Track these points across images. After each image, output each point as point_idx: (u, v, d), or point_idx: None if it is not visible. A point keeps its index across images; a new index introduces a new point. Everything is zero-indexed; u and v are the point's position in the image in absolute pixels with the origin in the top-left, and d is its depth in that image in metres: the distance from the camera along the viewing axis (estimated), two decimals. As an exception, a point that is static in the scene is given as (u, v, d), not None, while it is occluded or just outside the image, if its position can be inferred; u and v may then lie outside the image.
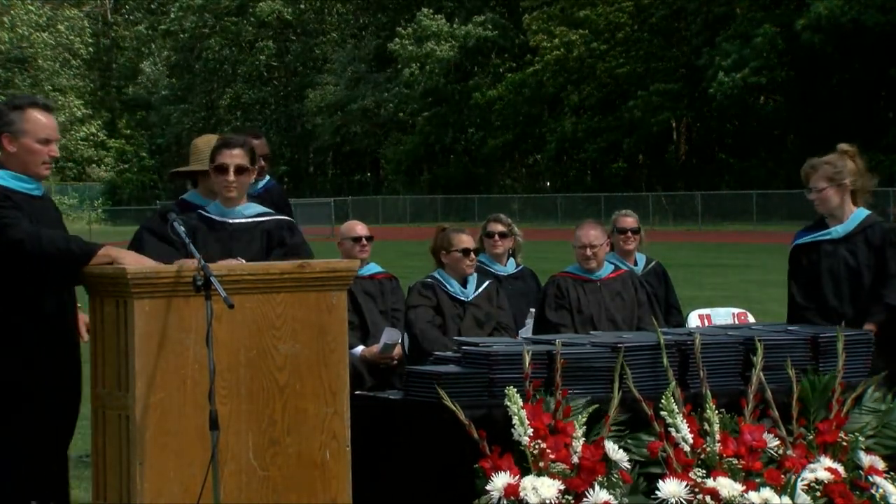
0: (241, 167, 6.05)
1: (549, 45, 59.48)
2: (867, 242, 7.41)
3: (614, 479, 6.38)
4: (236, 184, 6.06)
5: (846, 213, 7.52)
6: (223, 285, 5.13)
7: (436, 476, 6.42)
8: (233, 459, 5.41)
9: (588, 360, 6.68)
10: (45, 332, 5.54)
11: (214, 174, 6.08)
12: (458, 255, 7.70)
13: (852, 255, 7.39)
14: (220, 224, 6.10)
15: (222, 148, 6.11)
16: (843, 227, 7.49)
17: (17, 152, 5.66)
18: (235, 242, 6.03)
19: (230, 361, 5.43)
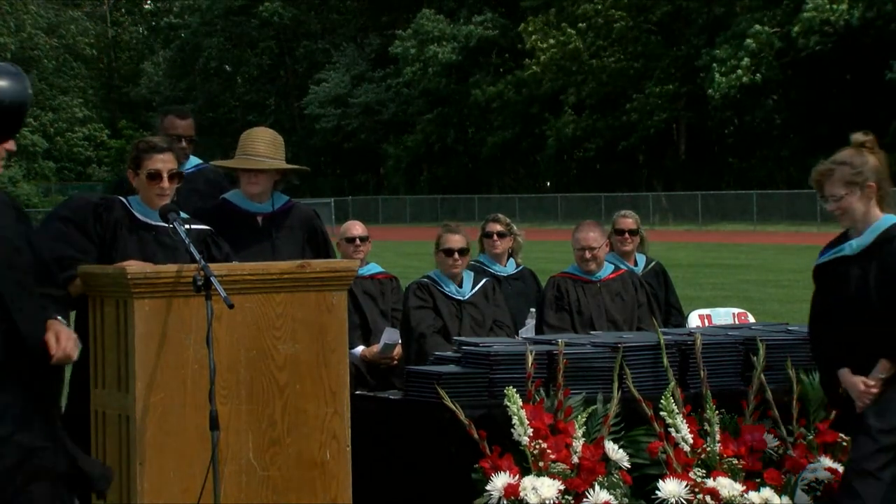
0: (174, 173, 5.91)
1: (545, 45, 59.48)
2: (882, 260, 5.82)
3: (614, 479, 6.39)
4: (169, 190, 5.89)
5: (869, 222, 5.89)
6: (223, 285, 5.13)
7: (436, 476, 6.43)
8: (233, 459, 5.42)
9: (588, 360, 6.69)
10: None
11: (147, 180, 5.87)
12: (442, 254, 7.73)
13: (863, 275, 5.85)
14: (144, 224, 5.91)
15: (152, 153, 5.90)
16: (859, 241, 5.91)
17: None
18: (161, 247, 5.89)
19: (230, 361, 5.43)
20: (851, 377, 5.87)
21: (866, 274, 5.82)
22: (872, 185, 5.84)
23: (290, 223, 6.61)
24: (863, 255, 5.87)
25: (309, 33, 76.06)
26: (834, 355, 5.96)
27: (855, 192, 5.84)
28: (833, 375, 6.00)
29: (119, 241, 5.80)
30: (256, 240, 6.48)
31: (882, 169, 5.89)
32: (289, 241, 6.57)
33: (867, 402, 5.81)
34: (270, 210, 6.55)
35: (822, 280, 6.05)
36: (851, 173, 5.84)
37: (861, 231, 5.90)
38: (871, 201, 5.88)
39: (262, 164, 6.53)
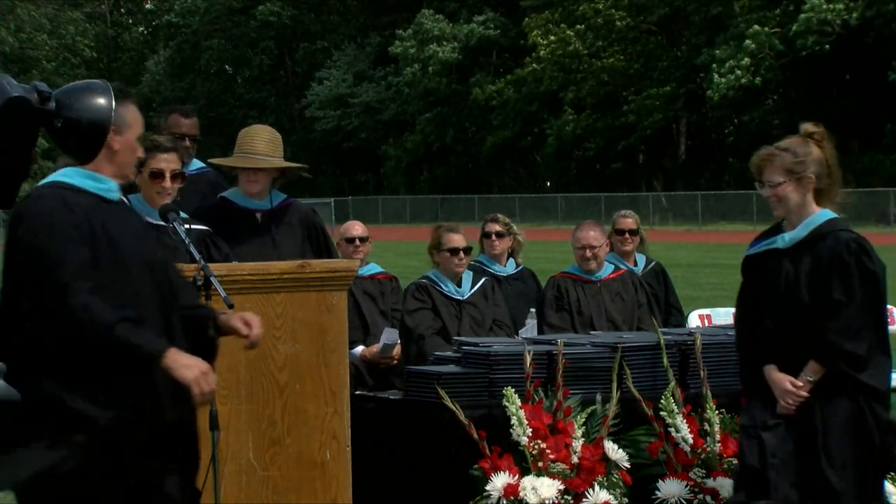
0: (177, 172, 5.94)
1: (546, 41, 59.53)
2: (815, 256, 5.60)
3: (614, 479, 6.39)
4: (171, 190, 5.91)
5: (803, 215, 5.66)
6: (223, 285, 5.13)
7: (436, 476, 6.43)
8: (233, 459, 5.42)
9: (588, 360, 6.69)
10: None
11: (149, 179, 5.90)
12: (446, 254, 7.69)
13: (794, 270, 5.62)
14: None
15: (156, 151, 5.92)
16: (793, 234, 5.67)
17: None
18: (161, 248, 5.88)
19: (230, 361, 5.42)
20: (778, 375, 5.60)
21: (797, 269, 5.62)
22: (811, 178, 5.63)
23: (289, 220, 6.61)
24: (795, 249, 5.66)
25: (309, 33, 76.06)
26: (759, 352, 5.68)
27: (792, 181, 5.63)
28: (755, 373, 5.72)
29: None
30: (256, 236, 6.48)
31: (826, 163, 5.68)
32: (288, 236, 6.57)
33: (790, 403, 5.54)
34: (269, 207, 6.55)
35: (752, 273, 5.81)
36: (792, 161, 5.63)
37: (795, 224, 5.67)
38: (809, 194, 5.65)
39: (261, 162, 6.53)
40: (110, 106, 4.65)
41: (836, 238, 5.58)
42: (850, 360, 5.47)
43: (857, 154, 55.44)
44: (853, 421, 5.47)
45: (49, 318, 4.44)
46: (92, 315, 4.39)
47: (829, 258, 5.55)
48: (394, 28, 68.58)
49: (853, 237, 5.60)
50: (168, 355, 4.41)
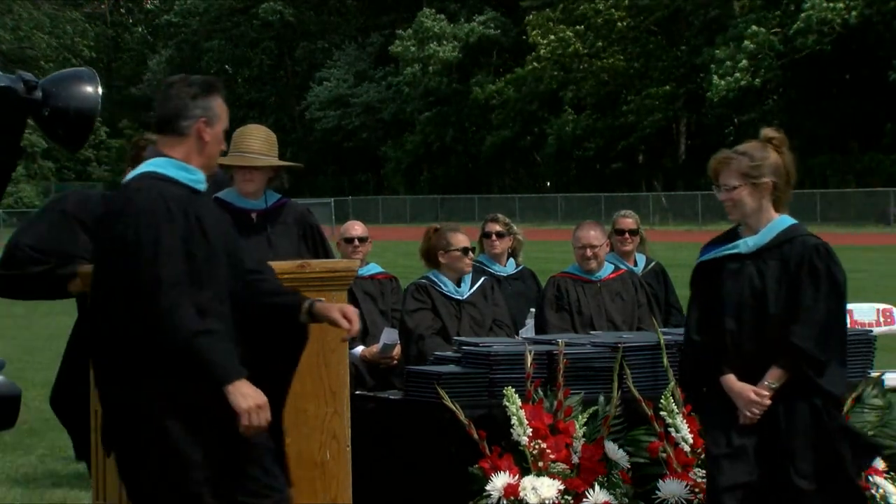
0: None
1: (546, 41, 59.54)
2: (782, 261, 5.51)
3: (614, 479, 6.39)
4: None
5: (763, 220, 5.58)
6: (223, 285, 5.12)
7: (435, 476, 6.43)
8: (233, 459, 5.40)
9: (588, 360, 6.69)
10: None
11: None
12: (457, 254, 7.65)
13: (760, 275, 5.52)
14: None
15: None
16: (756, 239, 5.57)
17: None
18: None
19: (230, 361, 5.41)
20: (738, 384, 5.48)
21: (764, 274, 5.51)
22: (767, 182, 5.53)
23: (285, 219, 6.60)
24: (758, 254, 5.55)
25: (309, 33, 76.06)
26: (712, 360, 5.54)
27: (748, 186, 5.53)
28: (705, 381, 5.61)
29: None
30: (252, 236, 6.47)
31: (784, 170, 5.59)
32: (284, 236, 6.56)
33: (755, 413, 5.45)
34: (264, 207, 6.54)
35: (708, 279, 5.64)
36: (749, 165, 5.53)
37: (756, 229, 5.57)
38: (766, 199, 5.57)
39: (256, 161, 6.51)
40: (97, 94, 4.62)
41: (804, 243, 5.53)
42: (814, 365, 5.42)
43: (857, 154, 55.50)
44: (815, 426, 5.44)
45: (138, 318, 4.45)
46: (176, 319, 4.42)
47: (798, 263, 5.48)
48: (394, 28, 68.58)
49: (821, 242, 5.56)
50: (235, 383, 4.46)
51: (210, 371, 4.46)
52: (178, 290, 4.45)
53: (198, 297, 4.49)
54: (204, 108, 4.73)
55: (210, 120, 4.72)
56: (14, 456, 9.68)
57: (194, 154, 4.72)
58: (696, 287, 5.70)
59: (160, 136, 4.78)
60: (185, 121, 4.71)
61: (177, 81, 4.78)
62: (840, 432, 5.51)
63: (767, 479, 5.45)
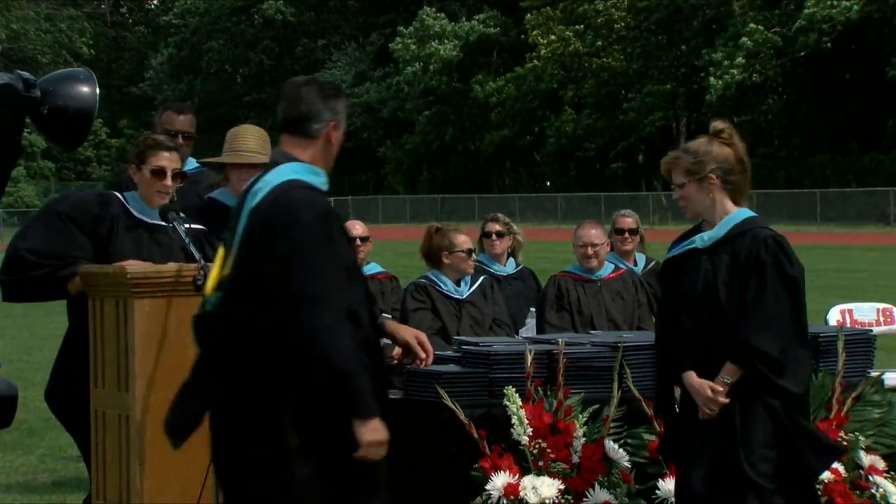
0: (177, 172, 5.90)
1: (546, 40, 59.54)
2: (732, 255, 5.52)
3: (614, 479, 6.39)
4: (170, 189, 5.87)
5: (718, 214, 5.60)
6: (223, 285, 5.12)
7: (436, 476, 6.42)
8: (233, 459, 5.40)
9: (588, 359, 6.68)
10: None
11: (150, 176, 5.85)
12: (462, 255, 7.64)
13: (713, 270, 5.53)
14: (140, 222, 5.90)
15: (158, 150, 5.88)
16: (712, 233, 5.60)
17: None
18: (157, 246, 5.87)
19: (230, 361, 5.41)
20: (697, 380, 5.49)
21: (716, 268, 5.51)
22: (712, 178, 5.54)
23: None
24: (713, 248, 5.56)
25: (309, 32, 76.06)
26: (677, 357, 5.57)
27: (694, 182, 5.57)
28: (671, 379, 5.64)
29: (115, 238, 5.79)
30: None
31: (734, 161, 5.59)
32: None
33: (713, 409, 5.44)
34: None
35: (672, 275, 5.68)
36: (691, 162, 5.57)
37: (714, 223, 5.59)
38: (719, 193, 5.57)
39: (252, 158, 6.50)
40: (94, 93, 4.61)
41: (755, 236, 5.51)
42: (763, 360, 5.38)
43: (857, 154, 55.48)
44: (772, 425, 5.41)
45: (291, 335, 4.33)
46: (335, 341, 4.31)
47: (746, 256, 5.47)
48: (394, 27, 68.60)
49: (771, 234, 5.54)
50: (371, 419, 4.40)
51: (356, 401, 4.38)
52: (340, 309, 4.34)
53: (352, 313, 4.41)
54: (333, 112, 4.73)
55: (338, 124, 4.73)
56: (14, 456, 9.68)
57: (320, 157, 4.70)
58: (662, 284, 5.73)
59: (287, 136, 4.76)
60: (315, 124, 4.69)
61: (306, 83, 4.78)
62: (798, 432, 5.47)
63: (730, 478, 5.42)
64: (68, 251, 5.70)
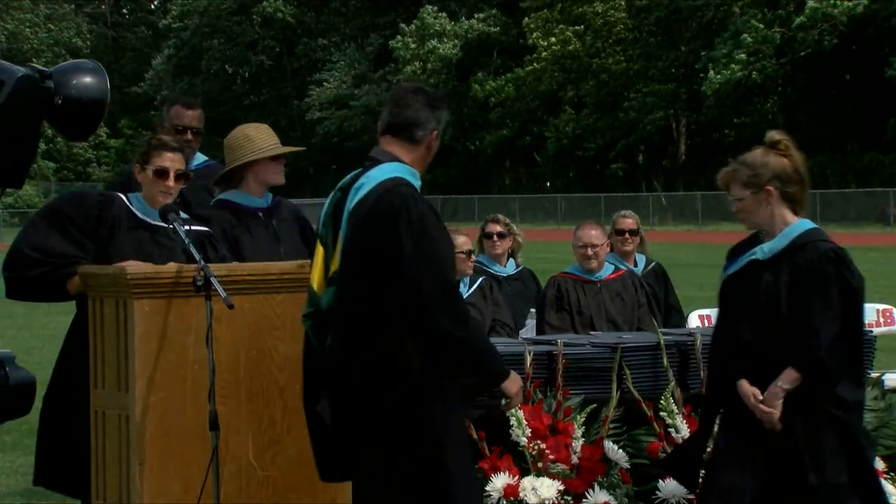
0: (181, 173, 5.89)
1: (546, 42, 59.54)
2: (793, 266, 5.49)
3: (614, 480, 6.39)
4: (173, 190, 5.86)
5: (778, 226, 5.57)
6: (223, 286, 5.13)
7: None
8: (233, 459, 5.41)
9: (588, 360, 6.69)
10: None
11: (153, 177, 5.84)
12: (462, 256, 7.64)
13: (774, 282, 5.49)
14: (142, 223, 5.89)
15: (162, 150, 5.87)
16: (771, 245, 5.58)
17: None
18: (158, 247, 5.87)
19: (230, 361, 5.42)
20: (750, 388, 5.46)
21: (777, 280, 5.48)
22: (770, 190, 5.52)
23: (284, 216, 6.59)
24: (774, 260, 5.53)
25: (309, 32, 76.03)
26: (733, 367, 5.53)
27: (752, 195, 5.56)
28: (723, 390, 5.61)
29: (116, 238, 5.79)
30: (264, 234, 6.46)
31: (791, 172, 5.55)
32: (287, 232, 6.54)
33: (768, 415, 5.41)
34: (267, 205, 6.53)
35: (732, 290, 5.64)
36: (749, 175, 5.56)
37: (774, 235, 5.58)
38: (778, 205, 5.55)
39: (282, 149, 6.49)
40: (106, 84, 4.67)
41: (815, 248, 5.48)
42: (823, 371, 5.38)
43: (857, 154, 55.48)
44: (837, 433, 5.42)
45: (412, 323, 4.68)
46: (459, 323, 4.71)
47: (808, 269, 5.44)
48: (395, 27, 68.59)
49: (833, 247, 5.51)
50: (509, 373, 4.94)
51: (493, 363, 4.89)
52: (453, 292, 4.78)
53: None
54: (437, 121, 5.09)
55: (439, 132, 5.10)
56: (14, 456, 9.68)
57: (419, 161, 5.05)
58: (722, 295, 5.71)
59: (390, 137, 5.04)
60: (420, 130, 5.02)
61: (415, 91, 5.12)
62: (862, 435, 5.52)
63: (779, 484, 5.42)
64: (69, 251, 5.71)
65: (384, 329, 4.71)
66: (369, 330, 4.73)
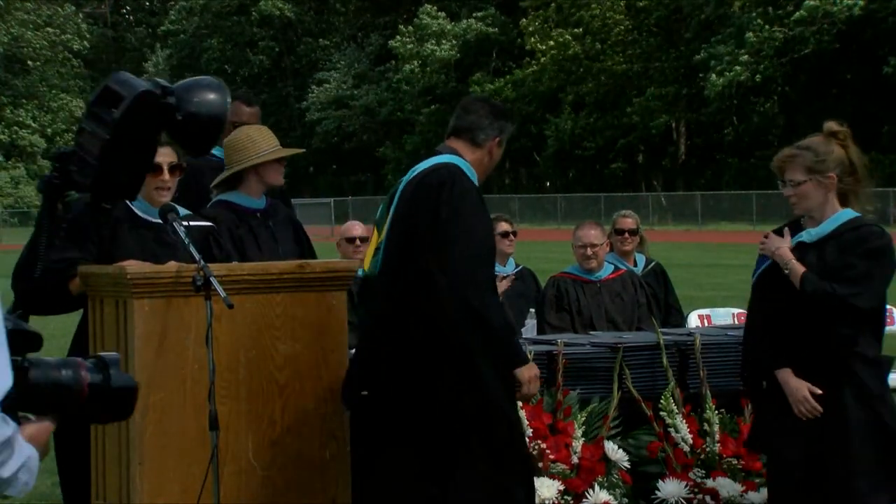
0: (175, 165, 5.85)
1: (545, 47, 59.53)
2: (841, 247, 5.52)
3: (614, 479, 6.39)
4: (170, 184, 5.84)
5: (827, 213, 5.60)
6: (223, 285, 5.13)
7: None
8: (233, 459, 5.41)
9: (588, 360, 6.69)
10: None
11: (147, 174, 5.65)
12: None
13: (821, 262, 5.52)
14: (145, 222, 5.87)
15: None
16: (819, 229, 5.60)
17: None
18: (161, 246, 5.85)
19: (230, 361, 5.42)
20: (795, 380, 5.49)
21: (824, 261, 5.50)
22: (832, 177, 5.53)
23: (279, 217, 6.60)
24: (820, 243, 5.56)
25: (309, 32, 76.05)
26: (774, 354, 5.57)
27: (814, 181, 5.54)
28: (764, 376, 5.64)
29: (119, 239, 5.79)
30: (263, 234, 6.46)
31: (849, 163, 5.58)
32: (283, 233, 6.55)
33: (807, 409, 5.45)
34: (264, 206, 6.54)
35: (771, 282, 5.63)
36: (814, 160, 5.55)
37: (819, 221, 5.60)
38: (831, 193, 5.57)
39: (286, 151, 6.50)
40: (226, 101, 4.85)
41: (868, 228, 5.56)
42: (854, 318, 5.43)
43: (856, 154, 55.44)
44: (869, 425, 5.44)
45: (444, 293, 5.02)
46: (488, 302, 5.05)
47: (855, 241, 5.50)
48: (395, 28, 68.62)
49: (882, 230, 5.60)
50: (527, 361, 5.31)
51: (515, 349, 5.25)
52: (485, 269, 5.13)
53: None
54: (500, 130, 5.52)
55: (501, 141, 5.53)
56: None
57: (479, 164, 5.48)
58: (760, 285, 5.71)
59: (455, 139, 5.51)
60: (483, 134, 5.47)
61: (482, 100, 5.68)
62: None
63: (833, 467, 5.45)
64: (71, 254, 5.71)
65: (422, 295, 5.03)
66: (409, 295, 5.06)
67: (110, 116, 4.67)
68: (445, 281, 5.02)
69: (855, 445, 5.41)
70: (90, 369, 2.70)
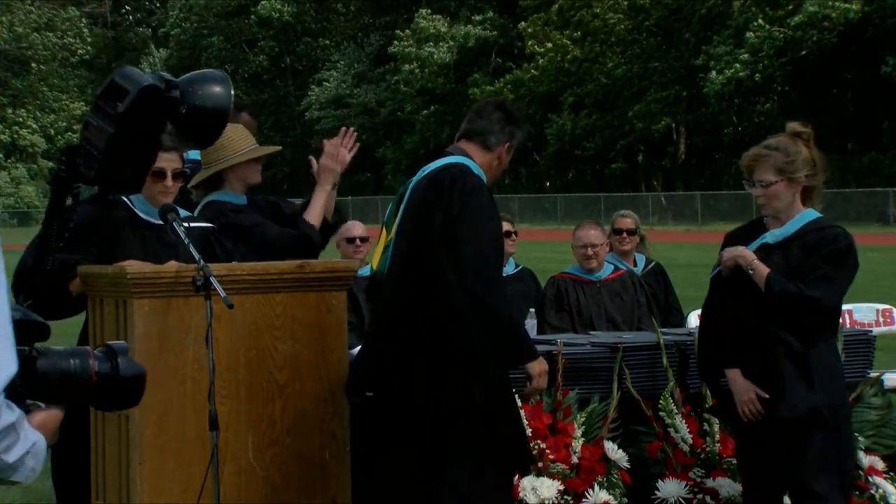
0: (178, 172, 5.87)
1: (543, 49, 59.49)
2: (805, 248, 5.57)
3: (614, 479, 6.39)
4: (172, 189, 5.85)
5: (791, 214, 5.65)
6: (223, 285, 5.12)
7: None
8: (233, 459, 5.41)
9: (587, 360, 6.69)
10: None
11: (151, 178, 5.75)
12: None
13: (784, 262, 5.55)
14: (146, 223, 5.88)
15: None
16: (783, 230, 5.64)
17: None
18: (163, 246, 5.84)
19: (230, 361, 5.42)
20: (743, 381, 5.60)
21: (789, 261, 5.55)
22: (802, 178, 5.58)
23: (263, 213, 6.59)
24: (784, 244, 5.61)
25: (309, 32, 76.03)
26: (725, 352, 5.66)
27: (784, 181, 5.58)
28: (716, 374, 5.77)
29: (121, 240, 5.79)
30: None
31: (813, 163, 5.63)
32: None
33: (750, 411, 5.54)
34: (246, 203, 6.53)
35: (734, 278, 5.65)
36: (784, 161, 5.57)
37: (783, 222, 5.64)
38: (797, 194, 5.62)
39: (265, 150, 6.50)
40: (230, 95, 4.85)
41: (832, 229, 5.63)
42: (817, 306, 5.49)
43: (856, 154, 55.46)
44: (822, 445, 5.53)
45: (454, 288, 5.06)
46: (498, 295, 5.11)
47: (819, 244, 5.55)
48: (394, 28, 68.60)
49: (845, 232, 5.67)
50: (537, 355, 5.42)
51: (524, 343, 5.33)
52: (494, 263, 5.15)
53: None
54: (511, 136, 5.56)
55: (511, 146, 5.57)
56: (14, 456, 9.66)
57: (488, 167, 5.51)
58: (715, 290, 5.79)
59: (466, 141, 5.59)
60: (493, 137, 5.53)
61: (495, 104, 5.65)
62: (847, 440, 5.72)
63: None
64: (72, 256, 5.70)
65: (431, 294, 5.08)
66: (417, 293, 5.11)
67: (115, 110, 4.71)
68: (455, 277, 5.06)
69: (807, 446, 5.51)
70: (98, 358, 2.73)
